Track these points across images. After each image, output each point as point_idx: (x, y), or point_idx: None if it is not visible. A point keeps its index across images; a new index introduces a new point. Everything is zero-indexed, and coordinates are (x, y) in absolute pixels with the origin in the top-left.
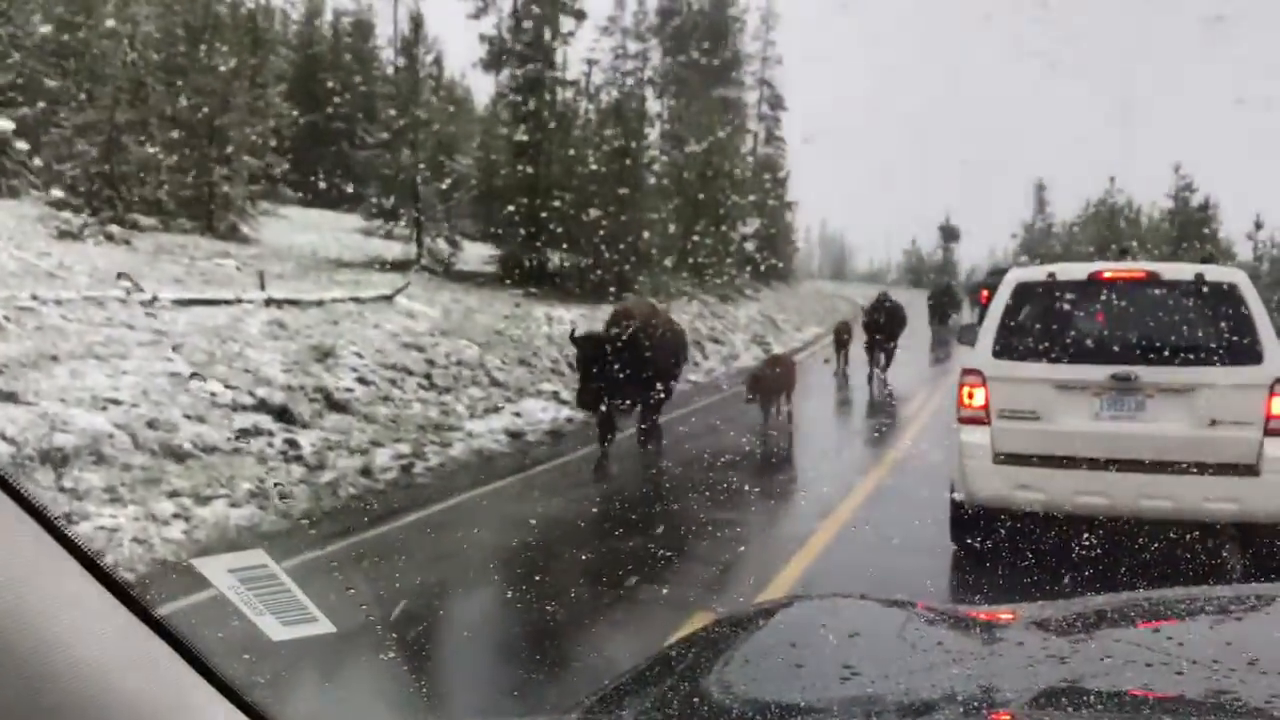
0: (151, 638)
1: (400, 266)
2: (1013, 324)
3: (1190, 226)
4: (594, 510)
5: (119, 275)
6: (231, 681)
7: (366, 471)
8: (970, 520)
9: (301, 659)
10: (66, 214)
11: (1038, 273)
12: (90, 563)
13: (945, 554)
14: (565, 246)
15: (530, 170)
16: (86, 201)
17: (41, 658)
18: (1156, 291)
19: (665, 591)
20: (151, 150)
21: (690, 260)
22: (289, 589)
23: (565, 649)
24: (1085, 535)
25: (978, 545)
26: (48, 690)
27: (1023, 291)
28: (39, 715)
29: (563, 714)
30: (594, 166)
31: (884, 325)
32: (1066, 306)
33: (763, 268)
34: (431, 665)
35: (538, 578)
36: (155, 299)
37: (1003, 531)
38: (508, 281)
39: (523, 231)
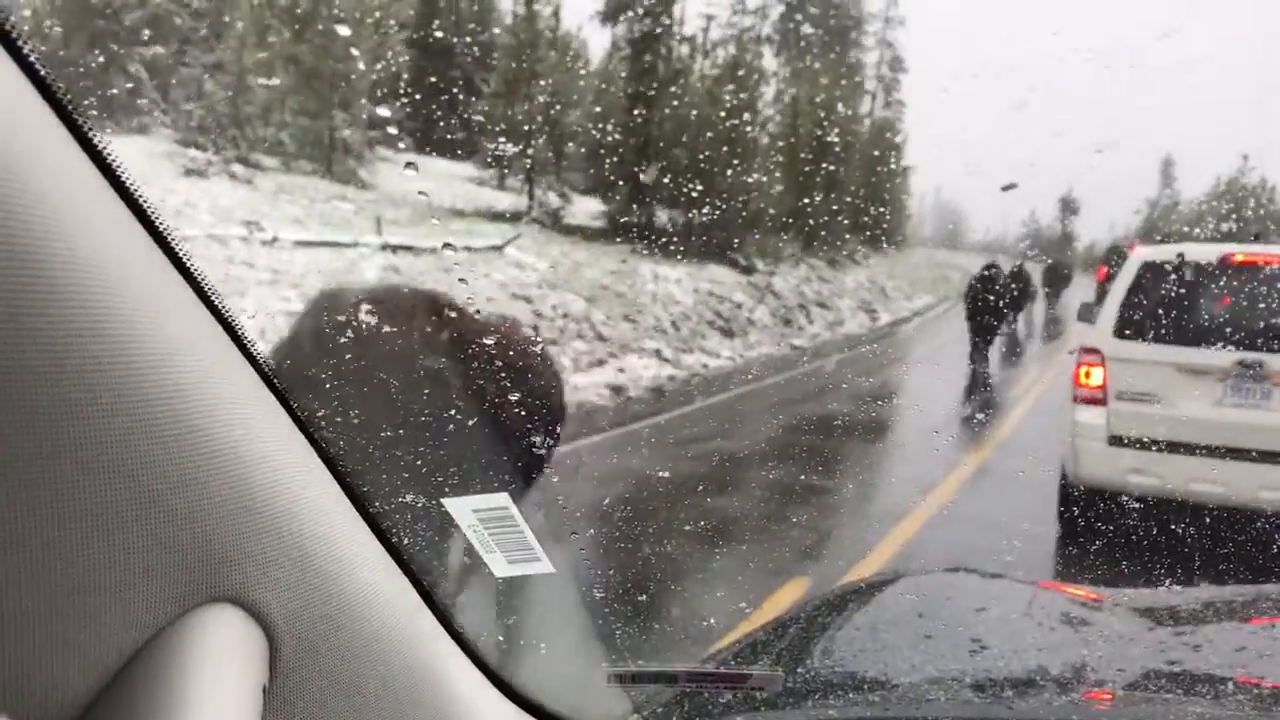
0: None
1: (511, 217)
2: (1135, 304)
3: None
4: (695, 468)
5: (248, 224)
6: (447, 612)
7: None
8: (1078, 501)
9: None
10: (193, 152)
11: (1165, 252)
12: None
13: None
14: (674, 204)
15: (642, 126)
16: (212, 140)
17: (336, 580)
18: None
19: (760, 551)
20: (275, 92)
21: (799, 222)
22: (522, 530)
23: (660, 603)
24: (1195, 523)
25: (1085, 527)
26: (338, 623)
27: (1148, 271)
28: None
29: (700, 663)
30: (706, 124)
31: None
32: (1193, 288)
33: (874, 233)
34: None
35: (640, 528)
36: (276, 239)
37: (1112, 515)
38: (616, 237)
39: (632, 187)
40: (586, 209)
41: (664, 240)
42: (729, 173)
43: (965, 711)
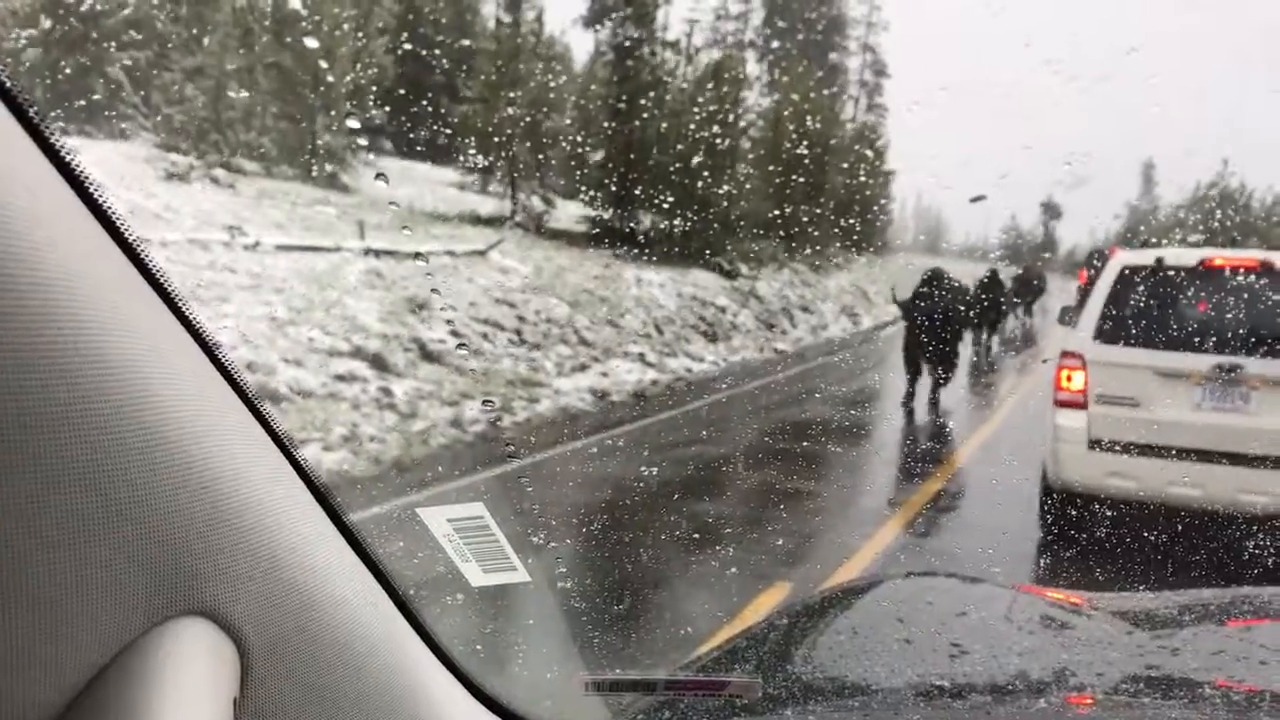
0: (365, 573)
1: (494, 222)
2: (1116, 308)
3: None
4: (675, 472)
5: (229, 228)
6: (419, 616)
7: (456, 422)
8: (1058, 505)
9: None
10: (174, 156)
11: (1144, 256)
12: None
13: None
14: (657, 209)
15: (625, 130)
16: (193, 145)
17: (308, 591)
18: (1269, 281)
19: (739, 555)
20: (256, 97)
21: (782, 227)
22: (497, 540)
23: (639, 610)
24: (1174, 526)
25: (1064, 530)
26: (312, 634)
27: (1128, 275)
28: (298, 637)
29: (678, 670)
30: (689, 129)
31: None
32: (1173, 292)
33: (855, 237)
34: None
35: (620, 534)
36: (258, 244)
37: (1091, 518)
38: (599, 242)
39: (615, 192)
40: (570, 213)
41: (647, 245)
42: (712, 177)
43: (945, 717)
